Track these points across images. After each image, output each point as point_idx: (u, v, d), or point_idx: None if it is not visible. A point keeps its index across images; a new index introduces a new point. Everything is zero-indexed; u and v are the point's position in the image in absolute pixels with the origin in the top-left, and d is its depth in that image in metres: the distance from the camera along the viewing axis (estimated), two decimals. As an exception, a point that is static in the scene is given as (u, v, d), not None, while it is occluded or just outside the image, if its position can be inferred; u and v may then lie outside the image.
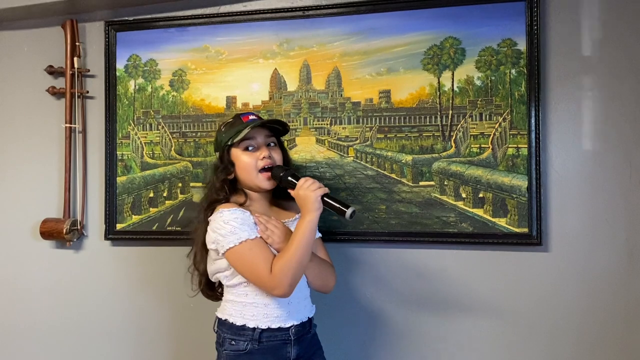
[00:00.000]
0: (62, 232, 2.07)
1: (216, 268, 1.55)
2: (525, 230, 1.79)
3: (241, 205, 1.54)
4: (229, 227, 1.46)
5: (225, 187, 1.57)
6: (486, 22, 1.83)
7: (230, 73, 2.02)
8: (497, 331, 1.84)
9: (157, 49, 2.08)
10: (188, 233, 2.00)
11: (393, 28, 1.89)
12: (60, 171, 2.15)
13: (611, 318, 1.76)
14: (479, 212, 1.83)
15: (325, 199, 1.46)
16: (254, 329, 1.50)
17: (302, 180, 1.48)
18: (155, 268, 2.10)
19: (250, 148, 1.55)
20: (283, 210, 1.65)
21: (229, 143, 1.55)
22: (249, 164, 1.54)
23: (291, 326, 1.52)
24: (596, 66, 1.78)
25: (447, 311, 1.87)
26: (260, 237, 1.48)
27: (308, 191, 1.44)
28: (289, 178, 1.51)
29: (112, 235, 2.10)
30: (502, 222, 1.81)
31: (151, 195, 2.08)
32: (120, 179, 2.10)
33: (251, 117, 1.57)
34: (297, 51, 1.97)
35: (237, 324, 1.52)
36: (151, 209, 2.08)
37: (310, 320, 1.59)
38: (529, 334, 1.81)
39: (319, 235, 1.66)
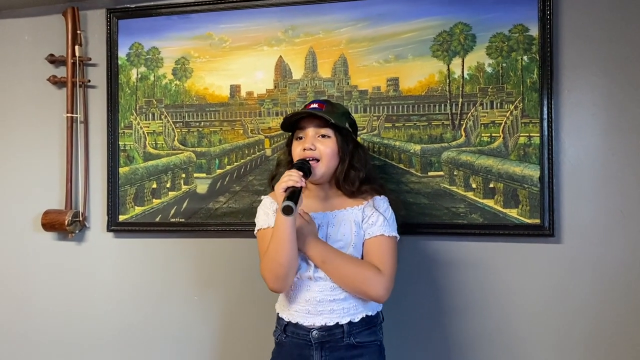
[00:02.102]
0: (64, 224, 2.03)
1: None
2: (537, 221, 1.74)
3: None
4: (257, 214, 1.54)
5: (278, 171, 1.54)
6: (497, 7, 1.78)
7: (234, 61, 1.98)
8: (508, 324, 1.79)
9: (159, 37, 2.04)
10: (192, 224, 1.99)
11: (401, 14, 1.84)
12: (62, 162, 2.11)
13: (624, 310, 1.71)
14: (489, 202, 1.78)
15: (288, 191, 1.33)
16: (281, 319, 1.50)
17: (285, 172, 1.39)
18: (159, 260, 2.06)
19: (301, 138, 1.49)
20: (345, 199, 1.51)
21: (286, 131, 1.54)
22: (295, 153, 1.49)
23: (312, 327, 1.43)
24: (610, 52, 1.72)
25: (457, 304, 1.82)
26: (272, 227, 1.43)
27: (276, 185, 1.38)
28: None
29: (115, 226, 2.06)
30: (513, 213, 1.76)
31: (154, 186, 2.04)
32: (123, 170, 2.06)
33: (312, 105, 1.48)
34: (302, 38, 1.92)
35: (277, 311, 1.54)
36: (154, 200, 2.04)
37: (342, 326, 1.43)
38: (541, 326, 1.77)
39: (378, 233, 1.44)
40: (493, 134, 1.78)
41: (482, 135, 1.79)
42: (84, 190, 2.11)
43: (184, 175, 2.02)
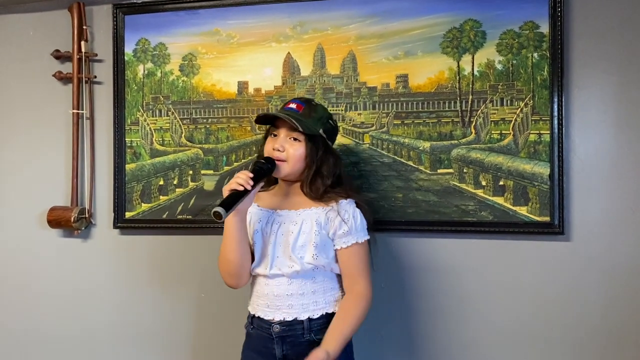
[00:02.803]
0: (70, 221, 2.02)
1: None
2: (547, 219, 1.73)
3: (262, 189, 1.56)
4: None
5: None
6: (507, 4, 1.76)
7: (241, 57, 1.96)
8: (518, 322, 1.79)
9: (166, 33, 2.02)
10: (199, 222, 1.98)
11: (411, 10, 1.83)
12: (68, 158, 2.10)
13: (635, 308, 1.71)
14: (499, 200, 1.78)
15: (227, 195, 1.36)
16: (249, 311, 1.56)
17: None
18: (166, 257, 2.05)
19: (274, 135, 1.50)
20: (309, 200, 1.52)
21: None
22: (266, 149, 1.51)
23: (272, 321, 1.47)
24: (621, 50, 1.71)
25: (466, 302, 1.82)
26: None
27: (225, 186, 1.41)
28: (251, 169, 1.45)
29: (121, 223, 2.05)
30: (523, 210, 1.76)
31: (161, 182, 2.03)
32: (129, 166, 2.05)
33: (290, 105, 1.50)
34: (310, 34, 1.91)
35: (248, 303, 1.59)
36: (161, 197, 2.03)
37: (301, 322, 1.45)
38: (551, 324, 1.76)
39: (352, 242, 1.46)
40: (503, 131, 1.78)
41: (492, 132, 1.78)
42: (90, 187, 2.10)
43: (191, 172, 2.01)
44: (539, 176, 1.74)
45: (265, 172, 1.43)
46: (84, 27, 2.08)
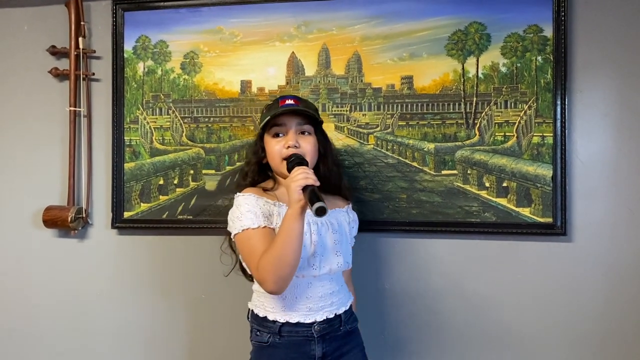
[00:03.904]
0: (67, 221, 1.98)
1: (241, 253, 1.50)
2: (550, 220, 1.76)
3: (268, 190, 1.49)
4: (237, 212, 1.42)
5: (253, 171, 1.54)
6: (512, 7, 1.78)
7: (245, 56, 1.95)
8: (520, 321, 1.81)
9: (167, 30, 1.99)
10: (200, 222, 1.96)
11: (416, 12, 1.84)
12: (64, 157, 2.05)
13: (636, 308, 1.75)
14: (502, 201, 1.80)
15: (307, 191, 1.28)
16: (274, 321, 1.45)
17: (294, 169, 1.33)
18: (165, 258, 2.02)
19: (280, 135, 1.48)
20: (330, 198, 1.54)
21: (261, 127, 1.51)
22: (275, 151, 1.47)
23: (313, 323, 1.44)
24: (623, 54, 1.75)
25: (469, 302, 1.83)
26: (265, 227, 1.39)
27: (291, 181, 1.30)
28: (290, 167, 1.41)
29: (120, 223, 2.01)
30: (526, 211, 1.78)
31: (161, 182, 2.00)
32: (128, 165, 2.01)
33: (288, 101, 1.47)
34: (315, 34, 1.90)
35: (260, 315, 1.48)
36: (161, 196, 2.00)
37: (339, 316, 1.49)
38: (553, 324, 1.79)
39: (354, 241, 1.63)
40: (507, 134, 1.80)
41: (496, 134, 1.80)
42: (87, 186, 2.05)
43: (192, 172, 1.99)
44: (542, 178, 1.76)
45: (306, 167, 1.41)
46: (82, 23, 2.03)
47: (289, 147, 1.44)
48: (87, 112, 2.06)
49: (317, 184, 1.29)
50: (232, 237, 1.45)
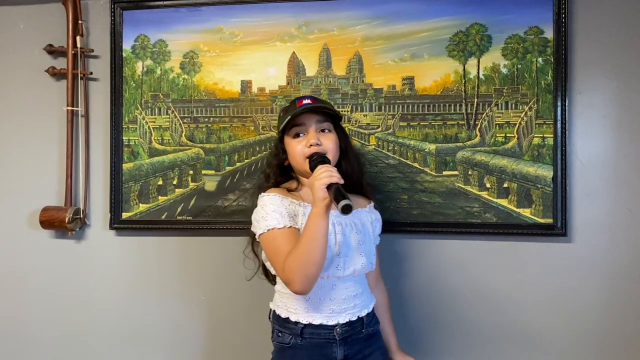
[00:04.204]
0: (65, 221, 1.95)
1: (264, 254, 1.49)
2: (550, 220, 1.77)
3: (292, 191, 1.48)
4: (262, 212, 1.41)
5: (275, 173, 1.53)
6: (513, 8, 1.79)
7: (245, 56, 1.94)
8: (521, 321, 1.82)
9: (166, 29, 1.98)
10: (199, 223, 1.94)
11: (417, 13, 1.84)
12: (61, 157, 2.03)
13: (635, 309, 1.76)
14: (503, 202, 1.80)
15: (332, 189, 1.27)
16: (296, 323, 1.44)
17: (317, 168, 1.33)
18: (164, 258, 2.01)
19: (300, 135, 1.47)
20: (353, 198, 1.46)
21: (280, 130, 1.50)
22: (297, 151, 1.45)
23: (336, 325, 1.43)
24: (622, 56, 1.76)
25: (471, 302, 1.84)
26: (291, 227, 1.38)
27: (315, 179, 1.29)
28: (312, 165, 1.39)
29: (118, 224, 1.99)
30: (526, 212, 1.79)
31: (160, 182, 1.98)
32: (127, 166, 2.00)
33: (305, 101, 1.45)
34: (316, 34, 1.90)
35: (282, 316, 1.47)
36: (160, 197, 1.98)
37: (361, 319, 1.47)
38: (553, 323, 1.80)
39: (378, 241, 1.63)
40: (508, 135, 1.80)
41: (497, 135, 1.81)
42: (85, 187, 2.03)
43: (191, 172, 1.97)
44: (543, 179, 1.77)
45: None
46: (79, 21, 2.01)
47: (311, 145, 1.43)
48: (85, 112, 2.03)
49: (341, 181, 1.28)
50: (256, 237, 1.44)
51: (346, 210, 1.21)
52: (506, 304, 1.83)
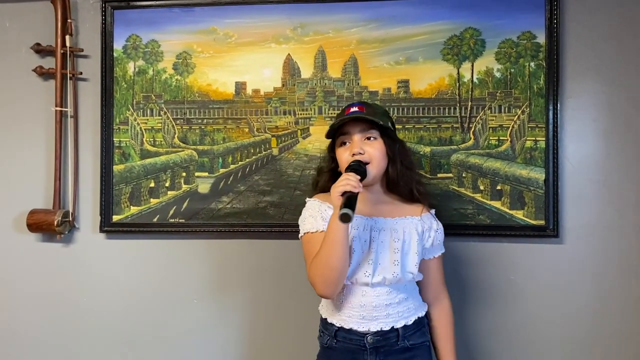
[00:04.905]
0: (53, 224, 1.91)
1: None
2: (542, 222, 1.80)
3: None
4: (302, 217, 1.49)
5: (324, 180, 1.55)
6: (506, 14, 1.82)
7: (239, 57, 1.92)
8: (515, 322, 1.85)
9: (159, 30, 1.95)
10: (192, 225, 1.92)
11: (412, 16, 1.86)
12: (49, 158, 1.98)
13: (625, 308, 1.81)
14: (496, 204, 1.83)
15: (345, 196, 1.28)
16: (332, 324, 1.47)
17: (342, 176, 1.34)
18: (156, 262, 1.98)
19: (346, 143, 1.46)
20: (401, 205, 1.51)
21: (329, 138, 1.52)
22: (343, 159, 1.45)
23: (366, 332, 1.42)
24: (612, 62, 1.81)
25: (464, 302, 1.86)
26: (322, 232, 1.40)
27: (333, 186, 1.32)
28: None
29: (108, 227, 1.96)
30: (519, 214, 1.82)
31: (152, 185, 1.96)
32: (117, 168, 1.96)
33: (352, 109, 1.45)
34: (311, 36, 1.90)
35: (323, 316, 1.52)
36: (152, 199, 1.95)
37: (396, 330, 1.43)
38: (545, 324, 1.83)
39: (440, 252, 1.56)
40: (501, 138, 1.83)
41: (490, 138, 1.84)
42: (74, 189, 1.99)
43: (184, 174, 1.95)
44: (535, 181, 1.81)
45: (362, 174, 1.37)
46: (69, 20, 1.97)
47: (353, 154, 1.42)
48: (74, 113, 1.99)
49: (357, 190, 1.28)
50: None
51: (343, 218, 1.22)
52: (499, 304, 1.85)
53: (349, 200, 1.25)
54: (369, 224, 1.45)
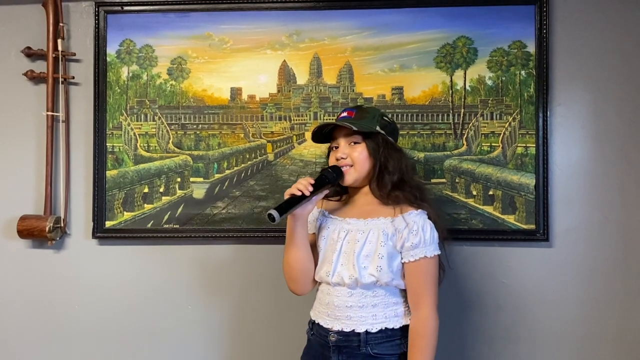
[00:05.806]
0: (45, 231, 1.88)
1: None
2: (533, 226, 1.85)
3: (339, 200, 1.58)
4: None
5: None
6: (498, 23, 1.87)
7: (235, 63, 1.93)
8: (506, 324, 1.88)
9: (153, 34, 1.95)
10: (187, 231, 1.92)
11: (406, 25, 1.89)
12: (40, 163, 1.96)
13: (613, 309, 1.86)
14: (488, 209, 1.87)
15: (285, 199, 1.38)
16: (311, 317, 1.54)
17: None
18: (150, 268, 1.96)
19: (334, 147, 1.50)
20: (380, 207, 1.47)
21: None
22: (330, 162, 1.51)
23: (330, 330, 1.44)
24: (599, 70, 1.87)
25: (456, 306, 1.89)
26: (313, 234, 1.54)
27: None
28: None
29: (101, 233, 1.94)
30: (510, 219, 1.86)
31: (146, 190, 1.94)
32: (111, 173, 1.95)
33: (343, 114, 1.50)
34: (307, 43, 1.91)
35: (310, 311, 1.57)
36: (146, 205, 1.94)
37: (358, 335, 1.41)
38: (535, 325, 1.88)
39: (421, 255, 1.39)
40: (493, 144, 1.87)
41: (483, 144, 1.88)
42: (65, 195, 1.96)
43: (179, 180, 1.94)
44: (526, 186, 1.85)
45: (328, 180, 1.42)
46: (60, 24, 1.95)
47: (337, 159, 1.47)
48: (66, 117, 1.97)
49: (299, 193, 1.36)
50: None
51: (268, 218, 1.32)
52: (491, 307, 1.89)
53: (287, 202, 1.36)
54: (340, 224, 1.48)
